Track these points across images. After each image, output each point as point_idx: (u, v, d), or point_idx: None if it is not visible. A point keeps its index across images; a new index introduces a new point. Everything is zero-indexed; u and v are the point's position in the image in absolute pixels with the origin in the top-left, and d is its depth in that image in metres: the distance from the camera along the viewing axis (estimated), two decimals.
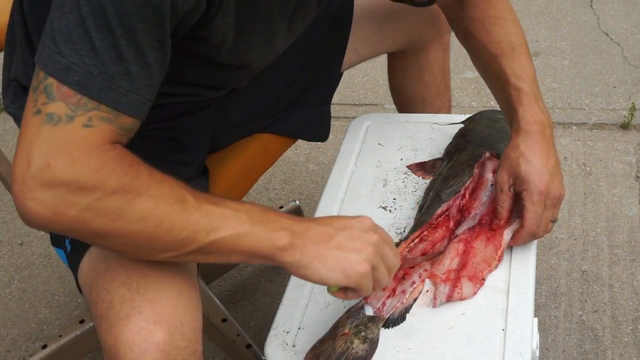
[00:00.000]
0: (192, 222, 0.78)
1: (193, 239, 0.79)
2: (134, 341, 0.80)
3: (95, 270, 0.86)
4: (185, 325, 0.83)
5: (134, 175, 0.76)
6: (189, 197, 0.79)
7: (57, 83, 0.73)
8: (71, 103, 0.73)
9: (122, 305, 0.82)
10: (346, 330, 0.93)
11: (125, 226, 0.76)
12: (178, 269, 0.86)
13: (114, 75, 0.74)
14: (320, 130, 1.36)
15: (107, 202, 0.74)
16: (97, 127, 0.74)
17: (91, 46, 0.72)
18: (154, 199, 0.76)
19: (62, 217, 0.74)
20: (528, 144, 1.03)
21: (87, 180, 0.73)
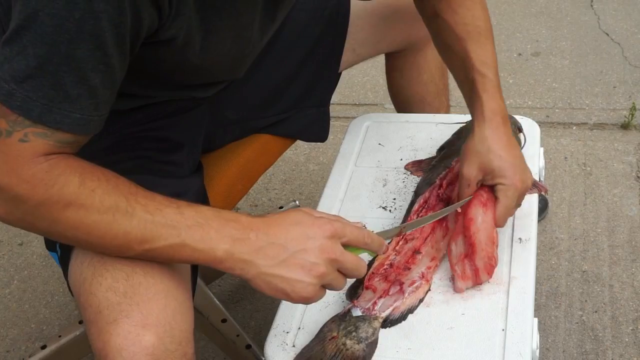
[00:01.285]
0: (123, 232, 0.79)
1: (128, 247, 0.81)
2: (122, 346, 0.79)
3: (83, 275, 0.85)
4: (175, 328, 0.82)
5: (61, 186, 0.78)
6: (122, 205, 0.79)
7: (1, 103, 0.76)
8: (10, 120, 0.76)
9: (109, 309, 0.81)
10: (335, 334, 0.93)
11: (62, 231, 0.80)
12: (165, 269, 0.86)
13: (53, 99, 0.76)
14: (319, 132, 1.35)
15: (40, 210, 0.79)
16: (32, 142, 0.77)
17: (28, 74, 0.75)
18: (83, 209, 0.79)
19: (11, 217, 0.81)
20: (496, 137, 1.01)
21: (19, 189, 0.78)
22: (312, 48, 1.28)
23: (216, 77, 1.07)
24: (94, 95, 0.78)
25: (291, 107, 1.30)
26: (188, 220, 0.81)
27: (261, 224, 0.83)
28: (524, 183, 1.01)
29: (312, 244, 0.82)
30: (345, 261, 0.84)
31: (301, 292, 0.82)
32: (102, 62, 0.77)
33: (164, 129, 1.08)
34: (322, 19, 1.27)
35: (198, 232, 0.81)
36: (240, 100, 1.24)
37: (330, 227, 0.84)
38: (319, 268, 0.82)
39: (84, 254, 0.86)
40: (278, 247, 0.82)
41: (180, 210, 0.81)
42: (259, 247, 0.82)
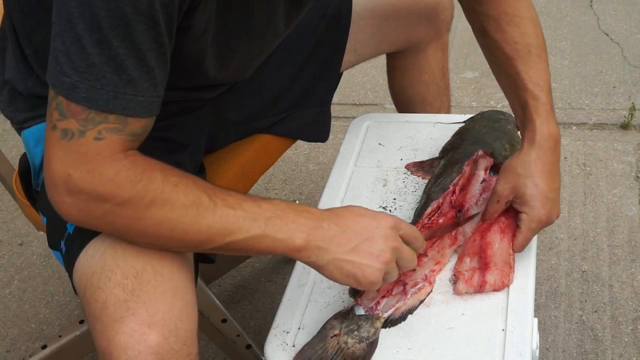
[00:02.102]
0: (206, 226, 0.82)
1: (209, 240, 0.83)
2: (127, 344, 0.79)
3: (92, 268, 0.85)
4: (180, 328, 0.82)
5: (147, 182, 0.80)
6: (204, 200, 0.82)
7: (67, 101, 0.77)
8: (81, 119, 0.78)
9: (116, 306, 0.81)
10: (337, 332, 0.93)
11: (144, 228, 0.82)
12: (174, 269, 0.86)
13: (118, 84, 0.77)
14: (320, 131, 1.35)
15: (124, 208, 0.80)
16: (107, 139, 0.78)
17: (90, 62, 0.76)
18: (169, 204, 0.80)
19: (88, 218, 0.81)
20: (540, 163, 1.00)
21: (103, 189, 0.79)
22: (314, 48, 1.28)
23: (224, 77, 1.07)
24: (152, 75, 0.80)
25: (292, 107, 1.30)
26: (267, 212, 0.84)
27: (331, 215, 0.88)
28: (549, 217, 1.01)
29: (379, 232, 0.88)
30: (404, 251, 0.89)
31: (370, 277, 0.86)
32: (156, 41, 0.78)
33: (167, 130, 1.09)
34: (323, 19, 1.27)
35: (277, 223, 0.84)
36: (243, 102, 1.24)
37: (392, 219, 0.90)
38: (386, 255, 0.87)
39: (95, 248, 0.87)
40: (349, 235, 0.87)
41: (257, 203, 0.85)
42: (332, 235, 0.86)
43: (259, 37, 1.00)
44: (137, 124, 0.80)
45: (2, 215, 2.02)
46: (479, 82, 2.26)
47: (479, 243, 1.02)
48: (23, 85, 1.04)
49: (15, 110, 1.06)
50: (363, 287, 0.89)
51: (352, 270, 0.86)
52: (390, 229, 0.88)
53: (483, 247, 1.01)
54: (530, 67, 1.04)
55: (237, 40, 0.97)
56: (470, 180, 1.11)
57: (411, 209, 1.14)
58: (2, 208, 2.05)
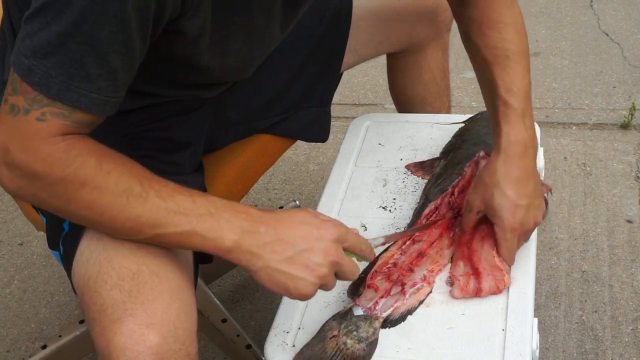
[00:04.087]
0: (135, 215, 0.81)
1: (138, 230, 0.82)
2: (126, 345, 0.79)
3: (88, 272, 0.85)
4: (179, 327, 0.82)
5: (79, 165, 0.80)
6: (136, 189, 0.81)
7: (20, 79, 0.78)
8: (28, 98, 0.78)
9: (114, 308, 0.81)
10: (335, 332, 0.93)
11: (75, 210, 0.82)
12: (171, 269, 0.86)
13: (73, 77, 0.77)
14: (320, 132, 1.35)
15: (55, 189, 0.80)
16: (49, 122, 0.79)
17: (49, 50, 0.76)
18: (98, 190, 0.80)
19: (23, 192, 0.82)
20: (506, 170, 0.99)
21: (35, 167, 0.79)
22: (314, 49, 1.28)
23: (223, 76, 1.07)
24: (113, 77, 0.79)
25: (292, 107, 1.30)
26: (200, 209, 0.83)
27: (271, 219, 0.85)
28: (523, 225, 0.99)
29: (319, 245, 0.85)
30: (345, 264, 0.87)
31: (302, 290, 0.85)
32: (125, 44, 0.78)
33: (166, 129, 1.09)
34: (324, 19, 1.27)
35: (209, 221, 0.83)
36: (242, 101, 1.24)
37: (336, 231, 0.86)
38: (321, 269, 0.84)
39: (90, 252, 0.87)
40: (285, 244, 0.84)
41: (192, 198, 0.83)
42: (268, 242, 0.84)
43: (259, 40, 1.00)
44: (83, 116, 0.80)
45: (2, 215, 2.03)
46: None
47: (466, 251, 1.02)
48: None
49: None
50: (293, 298, 0.86)
51: (284, 280, 0.84)
52: (331, 242, 0.85)
53: (469, 254, 1.01)
54: (507, 72, 1.03)
55: (236, 43, 0.97)
56: (470, 181, 1.11)
57: (411, 209, 1.14)
58: (2, 208, 2.05)
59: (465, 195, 1.09)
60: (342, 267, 0.87)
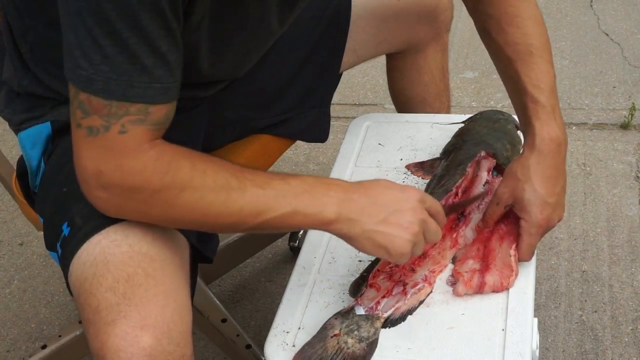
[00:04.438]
0: (238, 208, 0.84)
1: (242, 222, 0.85)
2: (120, 346, 0.79)
3: (84, 274, 0.85)
4: (173, 329, 0.82)
5: (175, 171, 0.82)
6: (233, 183, 0.83)
7: (87, 97, 0.78)
8: (104, 114, 0.79)
9: (108, 310, 0.81)
10: (337, 331, 0.93)
11: (178, 215, 0.84)
12: (167, 271, 0.86)
13: (133, 74, 0.78)
14: (320, 132, 1.35)
15: (156, 198, 0.82)
16: (131, 131, 0.80)
17: (103, 54, 0.77)
18: (198, 191, 0.82)
19: (123, 210, 0.84)
20: (539, 167, 1.00)
21: (133, 181, 0.81)
22: (313, 49, 1.28)
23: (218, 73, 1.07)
24: (166, 61, 0.80)
25: (292, 108, 1.30)
26: (296, 189, 0.86)
27: (360, 187, 0.90)
28: (548, 222, 1.01)
29: (407, 205, 0.89)
30: (431, 223, 0.91)
31: (400, 248, 0.88)
32: (164, 27, 0.79)
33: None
34: (323, 19, 1.27)
35: (307, 198, 0.86)
36: (239, 100, 1.24)
37: (418, 192, 0.91)
38: (414, 226, 0.88)
39: (87, 254, 0.86)
40: (378, 207, 0.88)
41: (286, 180, 0.86)
42: (362, 207, 0.88)
43: (253, 33, 1.00)
44: (158, 112, 0.81)
45: (2, 215, 2.03)
46: (479, 82, 2.26)
47: (482, 250, 1.02)
48: (19, 85, 1.04)
49: (13, 111, 1.07)
50: (392, 258, 0.89)
51: (383, 241, 0.87)
52: (417, 202, 0.90)
53: (485, 254, 1.02)
54: (532, 68, 1.03)
55: (230, 33, 0.97)
56: (473, 182, 1.11)
57: None
58: (2, 208, 2.05)
59: (468, 196, 1.09)
60: (429, 226, 0.90)
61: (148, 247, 0.86)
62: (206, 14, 0.90)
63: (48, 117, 1.04)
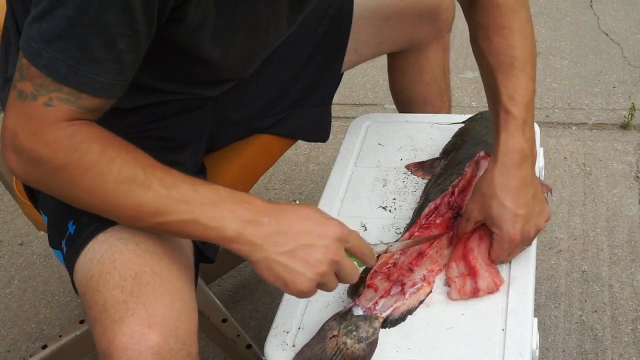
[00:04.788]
0: (137, 203, 0.82)
1: (140, 218, 0.83)
2: (127, 344, 0.79)
3: (90, 272, 0.86)
4: (180, 328, 0.82)
5: (83, 152, 0.80)
6: (139, 177, 0.81)
7: (28, 64, 0.79)
8: (36, 84, 0.79)
9: (115, 308, 0.81)
10: (335, 332, 0.93)
11: (78, 195, 0.83)
12: (173, 270, 0.86)
13: (80, 61, 0.78)
14: (320, 132, 1.36)
15: (59, 174, 0.81)
16: (56, 107, 0.80)
17: (57, 34, 0.77)
18: (101, 177, 0.81)
19: (29, 177, 0.84)
20: (503, 180, 0.98)
21: (41, 152, 0.80)
22: (315, 48, 1.28)
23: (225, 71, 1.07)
24: (119, 59, 0.80)
25: (292, 107, 1.30)
26: (202, 198, 0.83)
27: (274, 210, 0.85)
28: (523, 234, 0.98)
29: (320, 242, 0.84)
30: (345, 265, 0.86)
31: (299, 285, 0.84)
32: (130, 27, 0.78)
33: (168, 129, 1.09)
34: (325, 19, 1.27)
35: (211, 210, 0.83)
36: (243, 101, 1.24)
37: (339, 230, 0.86)
38: (321, 266, 0.84)
39: (94, 252, 0.87)
40: (287, 237, 0.84)
41: (195, 187, 0.83)
42: (269, 233, 0.84)
43: (263, 33, 1.00)
44: (90, 101, 0.81)
45: (2, 215, 2.03)
46: (479, 82, 2.25)
47: (461, 250, 1.02)
48: None
49: None
50: (290, 293, 0.86)
51: (283, 273, 0.84)
52: (334, 240, 0.85)
53: (465, 253, 1.01)
54: (510, 80, 1.02)
55: (240, 35, 0.97)
56: (471, 181, 1.11)
57: (411, 209, 1.14)
58: (2, 208, 2.05)
59: (465, 195, 1.09)
60: (343, 268, 0.86)
61: (155, 246, 0.86)
62: (208, 19, 0.89)
63: None
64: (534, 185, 1.00)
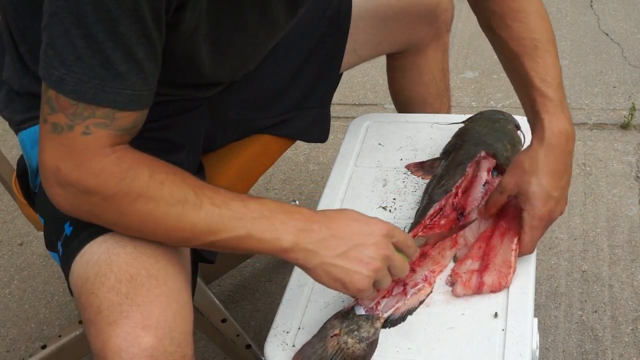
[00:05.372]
0: (190, 224, 0.82)
1: (194, 238, 0.83)
2: (121, 347, 0.79)
3: (86, 274, 0.85)
4: (175, 330, 0.82)
5: (132, 178, 0.80)
6: (190, 198, 0.82)
7: (56, 94, 0.78)
8: (69, 113, 0.78)
9: (110, 310, 0.81)
10: (337, 331, 0.93)
11: (129, 223, 0.83)
12: (170, 272, 0.86)
13: (105, 78, 0.77)
14: (320, 132, 1.35)
15: (109, 203, 0.81)
16: (94, 134, 0.79)
17: (77, 56, 0.76)
18: (153, 201, 0.81)
19: (78, 210, 0.83)
20: (547, 161, 1.00)
21: (89, 183, 0.80)
22: (313, 49, 1.28)
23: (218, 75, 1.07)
24: (141, 69, 0.80)
25: (292, 108, 1.30)
26: (253, 213, 0.84)
27: (322, 217, 0.88)
28: (550, 215, 1.00)
29: (370, 239, 0.87)
30: (396, 259, 0.89)
31: (357, 284, 0.86)
32: (143, 35, 0.78)
33: (164, 130, 1.08)
34: (323, 20, 1.27)
35: (264, 223, 0.84)
36: (241, 101, 1.24)
37: (385, 226, 0.89)
38: (375, 262, 0.87)
39: (91, 254, 0.87)
40: (339, 240, 0.86)
41: (245, 203, 0.85)
42: (322, 239, 0.86)
43: (252, 35, 1.00)
44: (125, 119, 0.81)
45: (2, 215, 2.03)
46: (479, 82, 2.26)
47: (483, 249, 1.02)
48: (19, 84, 1.04)
49: (13, 111, 1.07)
50: (350, 293, 0.88)
51: (340, 275, 0.86)
52: (382, 237, 0.88)
53: (487, 251, 1.02)
54: (537, 62, 1.03)
55: (229, 37, 0.97)
56: (473, 182, 1.11)
57: (411, 209, 1.14)
58: (2, 208, 2.05)
59: (468, 196, 1.09)
60: (394, 262, 0.89)
61: (152, 248, 0.86)
62: (202, 22, 0.89)
63: None
64: (569, 172, 1.03)
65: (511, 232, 1.02)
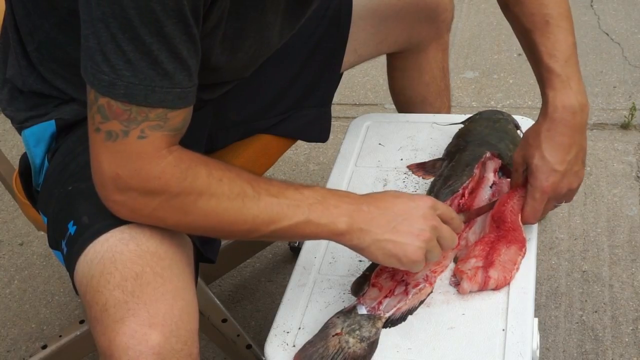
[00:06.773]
0: (252, 216, 0.85)
1: (256, 229, 0.86)
2: (128, 344, 0.79)
3: (91, 272, 0.85)
4: (181, 328, 0.82)
5: (193, 178, 0.83)
6: (248, 191, 0.85)
7: (107, 102, 0.79)
8: (123, 119, 0.80)
9: (116, 308, 0.81)
10: (339, 330, 0.93)
11: (193, 221, 0.85)
12: (175, 270, 0.86)
13: (154, 79, 0.79)
14: (320, 132, 1.36)
15: (172, 204, 0.83)
16: (150, 137, 0.81)
17: (126, 59, 0.78)
18: (215, 198, 0.84)
19: (139, 214, 0.84)
20: (550, 135, 1.01)
21: (151, 186, 0.82)
22: (314, 49, 1.28)
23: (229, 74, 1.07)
24: (186, 66, 0.81)
25: (292, 107, 1.30)
26: (309, 199, 0.87)
27: (369, 198, 0.92)
28: (555, 190, 1.01)
29: (417, 212, 0.91)
30: (444, 229, 0.92)
31: (411, 255, 0.89)
32: (186, 32, 0.80)
33: None
34: (324, 19, 1.27)
35: (319, 208, 0.88)
36: (243, 102, 1.24)
37: (429, 199, 0.93)
38: (425, 233, 0.90)
39: (95, 252, 0.87)
40: (388, 217, 0.90)
41: (299, 190, 0.88)
42: (372, 217, 0.89)
43: (267, 36, 1.01)
44: (177, 118, 0.82)
45: (2, 215, 2.03)
46: (479, 82, 2.26)
47: (487, 251, 1.02)
48: (23, 83, 1.04)
49: (16, 109, 1.07)
50: (405, 266, 0.90)
51: (394, 250, 0.89)
52: (428, 209, 0.91)
53: (491, 252, 1.02)
54: (548, 38, 1.03)
55: (246, 38, 0.98)
56: (480, 183, 1.11)
57: None
58: (2, 208, 2.05)
59: (475, 197, 1.10)
60: (442, 232, 0.91)
61: (156, 246, 0.86)
62: (222, 21, 0.90)
63: (51, 115, 1.04)
64: (579, 145, 1.03)
65: (517, 244, 1.03)
